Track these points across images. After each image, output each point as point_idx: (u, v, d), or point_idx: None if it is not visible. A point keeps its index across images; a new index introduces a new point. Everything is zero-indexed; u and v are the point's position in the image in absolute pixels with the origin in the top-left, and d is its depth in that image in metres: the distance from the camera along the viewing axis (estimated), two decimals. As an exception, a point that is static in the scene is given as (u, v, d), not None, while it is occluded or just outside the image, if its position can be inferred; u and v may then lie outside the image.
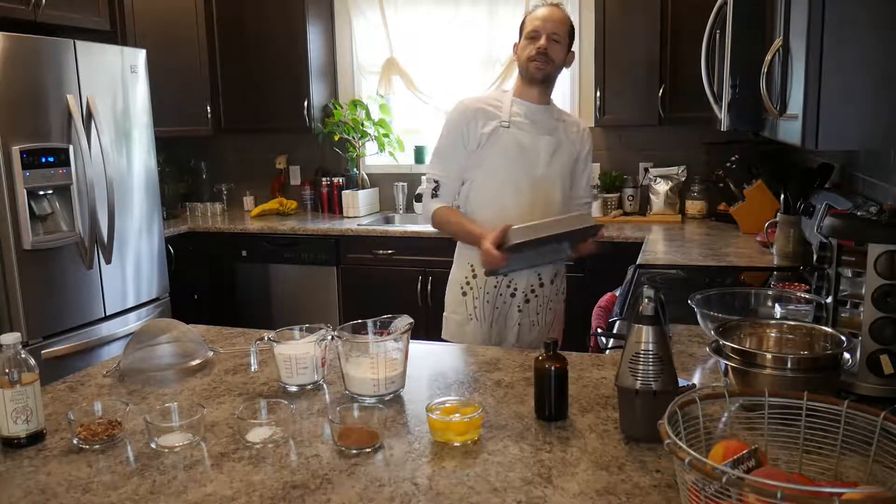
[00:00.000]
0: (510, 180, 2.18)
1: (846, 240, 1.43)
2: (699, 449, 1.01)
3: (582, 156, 2.31)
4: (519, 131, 2.18)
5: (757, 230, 3.31)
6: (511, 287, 2.24)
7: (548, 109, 2.26)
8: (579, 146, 2.29)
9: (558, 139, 2.22)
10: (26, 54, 2.99)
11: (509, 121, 2.18)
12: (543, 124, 2.22)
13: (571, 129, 2.28)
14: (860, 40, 1.30)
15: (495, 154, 2.17)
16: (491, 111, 2.20)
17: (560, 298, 2.36)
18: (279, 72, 4.31)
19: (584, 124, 2.37)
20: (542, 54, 2.14)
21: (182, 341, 1.78)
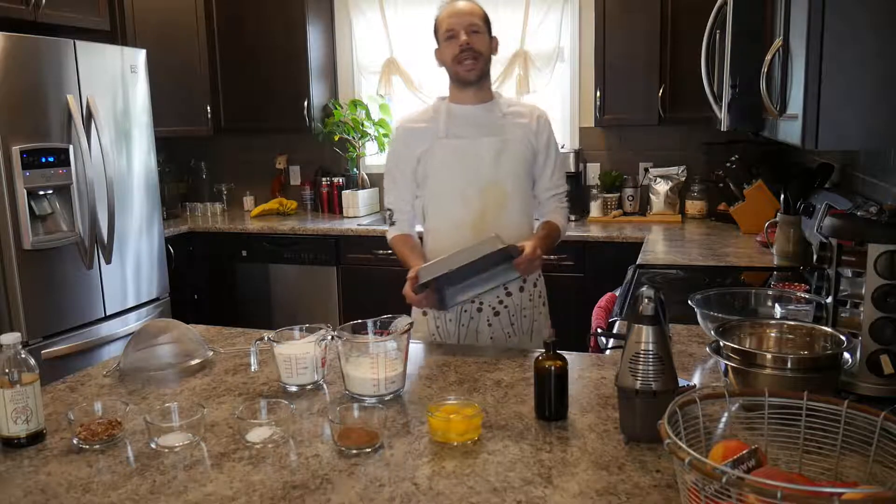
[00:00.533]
0: (456, 191, 2.06)
1: (846, 240, 1.43)
2: (699, 449, 1.01)
3: (541, 146, 2.12)
4: (456, 140, 2.06)
5: (757, 230, 3.31)
6: (476, 302, 2.08)
7: (490, 107, 2.10)
8: (534, 137, 2.10)
9: (504, 137, 2.06)
10: (26, 54, 2.99)
11: (445, 131, 2.06)
12: (485, 125, 2.07)
13: (521, 120, 2.10)
14: (860, 40, 1.30)
15: (436, 168, 2.06)
16: (424, 127, 2.09)
17: (539, 302, 2.18)
18: (279, 72, 4.31)
19: (540, 111, 2.16)
20: (467, 51, 2.00)
21: (182, 341, 1.78)
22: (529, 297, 2.15)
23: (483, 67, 2.04)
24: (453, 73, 2.06)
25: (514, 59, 4.25)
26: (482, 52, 2.02)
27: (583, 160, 4.24)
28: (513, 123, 2.08)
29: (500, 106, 2.10)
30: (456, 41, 2.00)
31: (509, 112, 2.10)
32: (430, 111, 2.14)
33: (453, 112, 2.09)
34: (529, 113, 2.13)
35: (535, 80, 4.25)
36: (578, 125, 4.28)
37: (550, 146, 2.14)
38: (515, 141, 2.07)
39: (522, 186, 2.10)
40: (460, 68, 2.02)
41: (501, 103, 2.11)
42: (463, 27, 2.00)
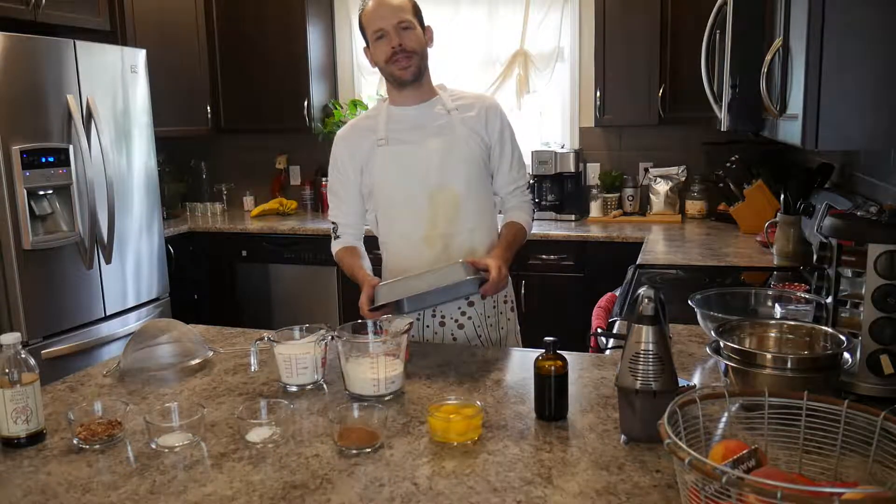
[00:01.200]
0: (403, 201, 1.94)
1: (846, 240, 1.43)
2: (699, 449, 1.01)
3: (494, 139, 1.97)
4: (399, 144, 1.93)
5: (757, 230, 3.31)
6: (438, 315, 1.97)
7: (432, 105, 1.96)
8: (485, 130, 1.96)
9: (450, 137, 1.92)
10: (26, 54, 2.99)
11: (386, 136, 1.93)
12: (427, 126, 1.93)
13: (469, 114, 1.95)
14: (860, 40, 1.30)
15: (379, 178, 1.94)
16: (364, 134, 1.97)
17: (506, 308, 2.05)
18: (279, 72, 4.32)
19: (489, 101, 2.02)
20: (400, 51, 1.86)
21: (182, 341, 1.78)
22: (493, 305, 2.01)
23: (419, 64, 1.90)
24: (388, 75, 1.92)
25: (514, 59, 4.25)
26: (416, 50, 1.88)
27: (583, 160, 4.24)
28: (459, 119, 1.94)
29: (443, 102, 1.96)
30: (386, 41, 1.87)
31: (455, 107, 1.96)
32: (370, 115, 2.02)
33: (393, 115, 1.96)
34: (477, 104, 1.98)
35: (535, 80, 4.25)
36: (578, 125, 4.28)
37: (504, 137, 2.00)
38: (463, 138, 1.93)
39: (476, 186, 1.96)
40: (394, 68, 1.88)
41: (445, 98, 1.97)
42: (392, 25, 1.85)
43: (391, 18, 1.86)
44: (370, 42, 1.91)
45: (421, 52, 1.91)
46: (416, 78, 1.91)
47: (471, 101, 2.00)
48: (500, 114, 2.00)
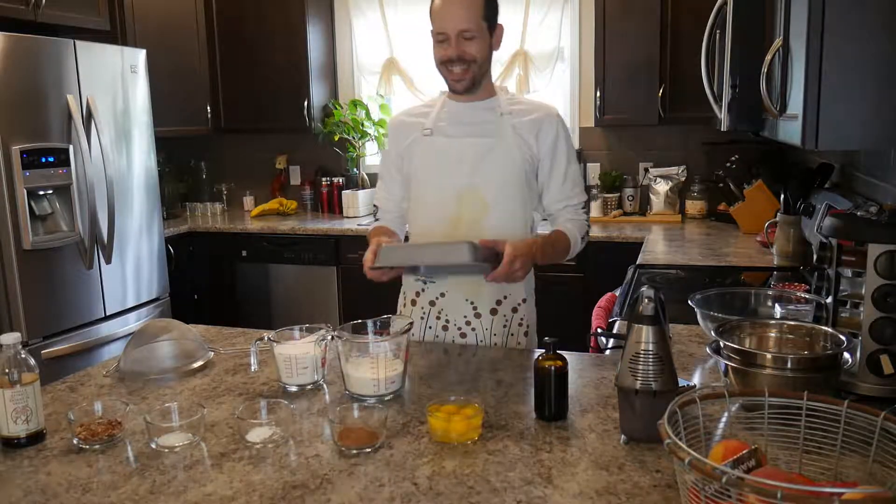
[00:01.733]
0: (432, 192, 1.89)
1: (846, 240, 1.43)
2: (699, 449, 1.01)
3: (545, 150, 1.87)
4: (441, 137, 1.88)
5: (757, 230, 3.31)
6: (441, 319, 1.92)
7: (486, 104, 1.89)
8: (535, 140, 1.86)
9: (493, 138, 1.85)
10: (26, 54, 2.99)
11: (432, 127, 1.89)
12: (475, 124, 1.87)
13: (522, 120, 1.87)
14: (860, 40, 1.30)
15: (416, 166, 1.91)
16: (415, 121, 1.93)
17: (520, 332, 1.94)
18: (279, 72, 4.32)
19: (549, 111, 1.91)
20: (457, 61, 1.79)
21: (182, 341, 1.78)
22: (504, 324, 1.92)
23: (475, 74, 1.82)
24: (443, 76, 1.86)
25: (514, 59, 4.25)
26: (475, 59, 1.80)
27: (583, 160, 4.24)
28: (510, 124, 1.86)
29: (500, 104, 1.89)
30: (446, 46, 1.79)
31: (510, 111, 1.88)
32: (426, 105, 1.99)
33: (448, 108, 1.92)
34: (535, 112, 1.89)
35: (535, 80, 4.25)
36: (578, 125, 4.28)
37: (558, 150, 1.88)
38: (506, 144, 1.85)
39: (509, 196, 1.87)
40: (448, 75, 1.83)
41: (503, 101, 1.89)
42: (454, 33, 1.76)
43: (455, 23, 1.76)
44: (433, 38, 1.83)
45: (481, 61, 1.81)
46: (468, 90, 1.84)
47: (529, 108, 1.91)
48: (556, 125, 1.89)
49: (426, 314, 1.95)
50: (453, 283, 1.91)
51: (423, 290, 1.95)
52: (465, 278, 1.89)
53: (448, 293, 1.92)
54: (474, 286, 1.89)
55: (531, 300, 1.99)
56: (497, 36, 1.85)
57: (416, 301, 1.96)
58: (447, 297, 1.92)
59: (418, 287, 1.96)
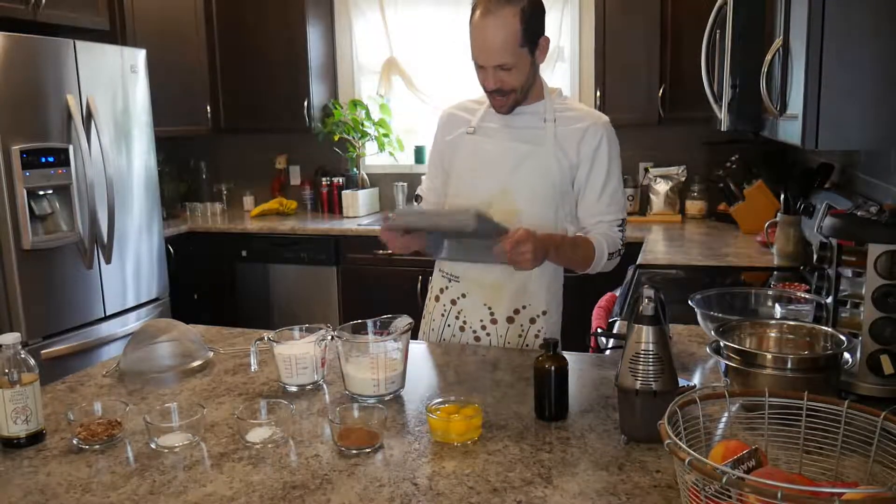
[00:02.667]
0: (465, 192, 1.87)
1: (846, 240, 1.43)
2: (699, 449, 1.01)
3: (584, 158, 1.81)
4: (484, 137, 1.85)
5: (757, 230, 3.31)
6: (460, 319, 1.92)
7: (533, 109, 1.84)
8: (575, 149, 1.81)
9: (533, 146, 1.81)
10: (26, 54, 2.99)
11: (476, 126, 1.87)
12: (518, 128, 1.83)
13: (567, 128, 1.82)
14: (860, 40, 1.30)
15: (456, 163, 1.90)
16: (463, 117, 1.91)
17: (536, 343, 1.90)
18: (279, 72, 4.31)
19: (597, 119, 1.85)
20: (495, 92, 1.77)
21: (182, 341, 1.78)
22: (520, 333, 1.89)
23: (518, 98, 1.79)
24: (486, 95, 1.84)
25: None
26: (515, 88, 1.76)
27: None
28: (553, 132, 1.80)
29: (547, 109, 1.83)
30: (483, 74, 1.77)
31: (555, 118, 1.82)
32: (477, 101, 1.93)
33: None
34: (583, 120, 1.83)
35: (535, 80, 4.24)
36: (578, 125, 4.27)
37: (598, 158, 1.82)
38: (545, 152, 1.80)
39: (541, 207, 1.82)
40: (490, 100, 1.82)
41: (550, 107, 1.83)
42: (491, 66, 1.73)
43: (490, 59, 1.72)
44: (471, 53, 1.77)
45: (520, 87, 1.77)
46: (511, 111, 1.82)
47: (577, 115, 1.85)
48: (601, 135, 1.82)
49: (447, 312, 1.96)
50: (474, 285, 1.90)
51: (447, 287, 1.96)
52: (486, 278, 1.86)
53: (468, 295, 1.92)
54: (494, 291, 1.89)
55: (554, 313, 1.94)
56: (542, 50, 1.77)
57: (439, 297, 1.98)
58: (467, 299, 1.92)
59: (443, 283, 1.97)
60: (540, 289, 1.91)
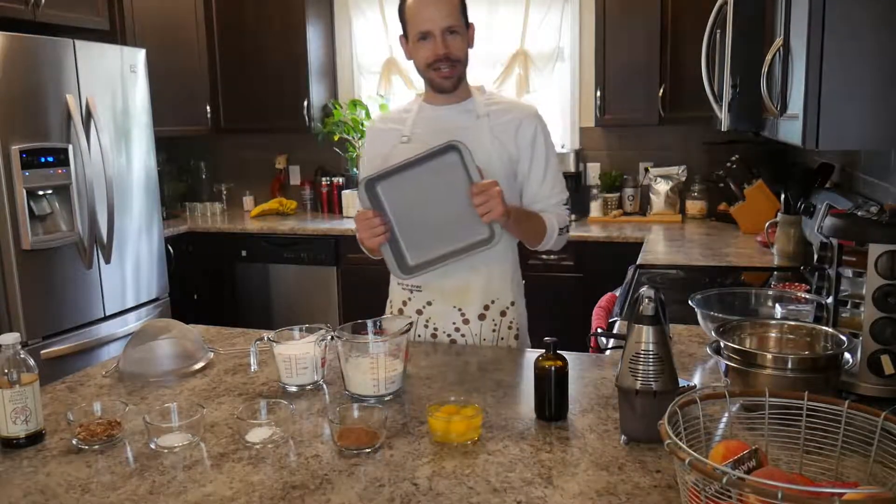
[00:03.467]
0: None
1: (847, 240, 1.43)
2: (699, 449, 1.01)
3: (523, 148, 1.84)
4: (419, 145, 1.79)
5: (757, 230, 3.31)
6: (430, 328, 1.90)
7: (463, 107, 1.85)
8: (513, 141, 1.83)
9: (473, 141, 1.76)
10: (26, 54, 2.99)
11: (410, 134, 1.85)
12: (453, 130, 1.79)
13: (500, 120, 1.83)
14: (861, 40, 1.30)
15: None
16: (392, 129, 1.89)
17: (510, 335, 1.91)
18: (279, 72, 4.31)
19: (528, 109, 1.88)
20: (444, 60, 1.75)
21: (182, 341, 1.78)
22: (493, 328, 1.90)
23: (461, 72, 1.81)
24: (426, 78, 1.82)
25: (514, 59, 4.25)
26: (461, 59, 1.78)
27: (583, 160, 4.25)
28: (488, 127, 1.83)
29: (477, 105, 1.85)
30: (430, 45, 1.75)
31: (487, 112, 1.84)
32: (403, 110, 1.93)
33: (424, 113, 1.88)
34: (514, 111, 1.87)
35: (535, 80, 4.25)
36: (578, 125, 4.28)
37: (537, 148, 1.85)
38: (484, 148, 1.80)
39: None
40: (435, 76, 1.79)
41: (479, 102, 1.86)
42: (440, 29, 1.73)
43: (440, 21, 1.72)
44: (410, 39, 1.79)
45: (465, 59, 1.80)
46: (455, 87, 1.82)
47: (507, 107, 1.88)
48: (535, 124, 1.86)
49: (415, 322, 1.91)
50: (438, 291, 1.88)
51: (410, 299, 1.93)
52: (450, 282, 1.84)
53: (435, 302, 1.90)
54: (461, 293, 1.88)
55: (520, 303, 1.97)
56: (471, 34, 1.82)
57: (402, 310, 1.94)
58: (434, 306, 1.90)
59: (405, 296, 1.94)
60: (504, 281, 1.91)
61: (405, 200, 1.71)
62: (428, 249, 1.74)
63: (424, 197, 1.69)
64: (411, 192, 1.69)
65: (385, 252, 1.74)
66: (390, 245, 1.73)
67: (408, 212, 1.72)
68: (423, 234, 1.73)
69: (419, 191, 1.69)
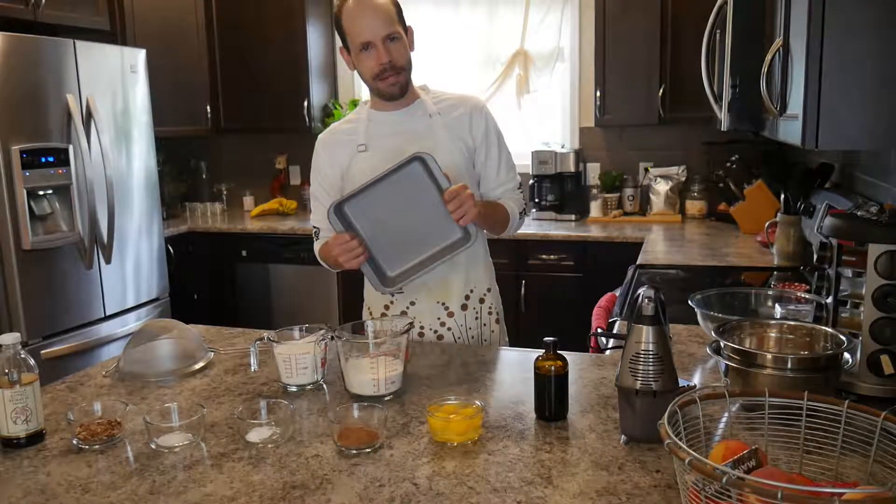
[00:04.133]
0: None
1: (846, 240, 1.43)
2: (699, 449, 1.01)
3: (478, 141, 1.89)
4: (378, 152, 1.83)
5: (757, 230, 3.31)
6: (416, 327, 1.90)
7: (413, 109, 1.87)
8: (468, 133, 1.87)
9: (430, 142, 1.82)
10: (26, 54, 2.99)
11: (366, 142, 1.85)
12: (408, 132, 1.83)
13: (451, 115, 1.87)
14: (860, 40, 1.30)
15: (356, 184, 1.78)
16: (345, 139, 1.89)
17: (491, 320, 1.97)
18: (279, 72, 4.31)
19: (474, 101, 1.93)
20: (389, 69, 1.76)
21: (182, 341, 1.78)
22: (475, 316, 1.95)
23: (407, 78, 1.82)
24: (373, 88, 1.83)
25: (514, 59, 4.25)
26: (404, 66, 1.79)
27: (583, 160, 4.24)
28: (441, 124, 1.85)
29: (425, 106, 1.87)
30: (373, 55, 1.75)
31: (438, 110, 1.87)
32: (352, 119, 1.93)
33: (374, 120, 1.88)
34: (462, 105, 1.89)
35: (535, 80, 4.25)
36: (578, 125, 4.28)
37: (490, 138, 1.90)
38: (443, 144, 1.83)
39: None
40: (382, 85, 1.79)
41: (427, 102, 1.88)
42: (380, 38, 1.73)
43: (379, 30, 1.73)
44: (352, 50, 1.79)
45: (408, 65, 1.81)
46: (403, 93, 1.83)
47: (455, 102, 1.91)
48: (485, 115, 1.91)
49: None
50: (422, 290, 1.89)
51: (392, 303, 1.93)
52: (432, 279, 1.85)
53: (418, 301, 1.91)
54: (444, 287, 1.90)
55: (495, 289, 2.01)
56: (411, 36, 1.84)
57: (385, 314, 1.94)
58: (418, 305, 1.91)
59: (386, 300, 1.94)
60: (478, 268, 1.95)
61: (375, 217, 1.72)
62: (405, 261, 1.76)
63: (393, 211, 1.71)
64: (380, 208, 1.71)
65: (365, 270, 1.76)
66: (369, 263, 1.75)
67: (380, 228, 1.73)
68: (398, 246, 1.75)
69: (387, 206, 1.71)
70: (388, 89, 1.81)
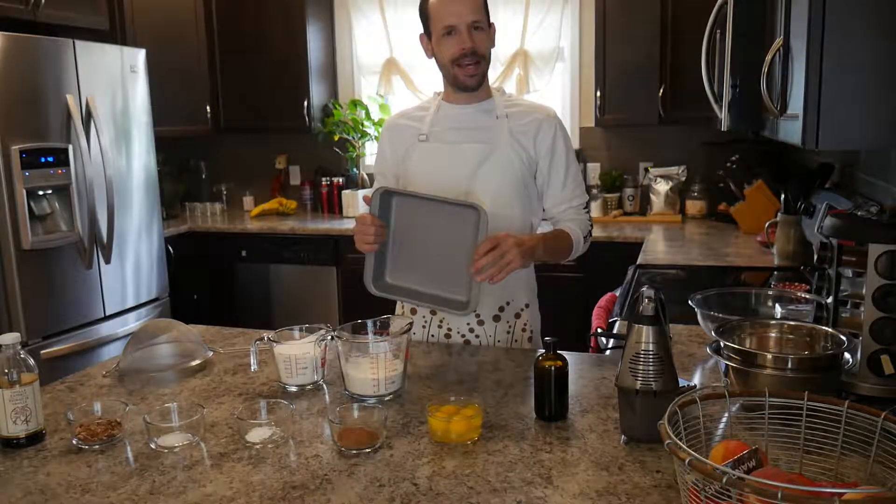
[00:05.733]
0: None
1: (847, 240, 1.43)
2: (699, 449, 1.01)
3: (542, 152, 1.83)
4: (438, 143, 1.83)
5: (757, 230, 3.31)
6: (444, 328, 1.90)
7: (483, 107, 1.85)
8: (532, 142, 1.82)
9: (491, 143, 1.80)
10: (26, 54, 2.99)
11: (428, 132, 1.84)
12: (472, 129, 1.82)
13: (519, 122, 1.83)
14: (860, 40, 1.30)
15: (412, 172, 1.85)
16: (411, 125, 1.88)
17: (524, 338, 1.91)
18: (279, 72, 4.31)
19: (547, 111, 1.87)
20: (470, 55, 1.75)
21: (182, 341, 1.78)
22: (507, 330, 1.89)
23: (485, 70, 1.81)
24: (451, 77, 1.81)
25: (514, 59, 4.25)
26: (486, 55, 1.78)
27: (583, 160, 4.24)
28: (507, 128, 1.82)
29: (497, 106, 1.85)
30: (456, 40, 1.73)
31: (506, 113, 1.84)
32: (422, 107, 1.93)
33: (444, 111, 1.87)
34: (533, 114, 1.85)
35: (535, 80, 4.25)
36: (578, 125, 4.28)
37: (557, 152, 1.84)
38: (503, 148, 1.80)
39: (507, 203, 1.81)
40: (460, 73, 1.77)
41: (499, 103, 1.85)
42: (466, 24, 1.72)
43: (466, 16, 1.72)
44: (434, 34, 1.77)
45: (489, 56, 1.80)
46: (479, 85, 1.81)
47: (527, 109, 1.87)
48: (555, 126, 1.85)
49: (428, 323, 1.92)
50: None
51: None
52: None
53: None
54: None
55: (534, 305, 1.96)
56: (492, 31, 1.82)
57: (415, 310, 1.93)
58: None
59: None
60: (519, 283, 1.89)
61: (410, 225, 1.71)
62: (406, 280, 1.73)
63: (427, 233, 1.69)
64: (419, 222, 1.69)
65: (368, 259, 1.74)
66: (376, 255, 1.73)
67: (407, 237, 1.71)
68: (409, 264, 1.72)
69: (425, 225, 1.68)
70: (465, 78, 1.78)
